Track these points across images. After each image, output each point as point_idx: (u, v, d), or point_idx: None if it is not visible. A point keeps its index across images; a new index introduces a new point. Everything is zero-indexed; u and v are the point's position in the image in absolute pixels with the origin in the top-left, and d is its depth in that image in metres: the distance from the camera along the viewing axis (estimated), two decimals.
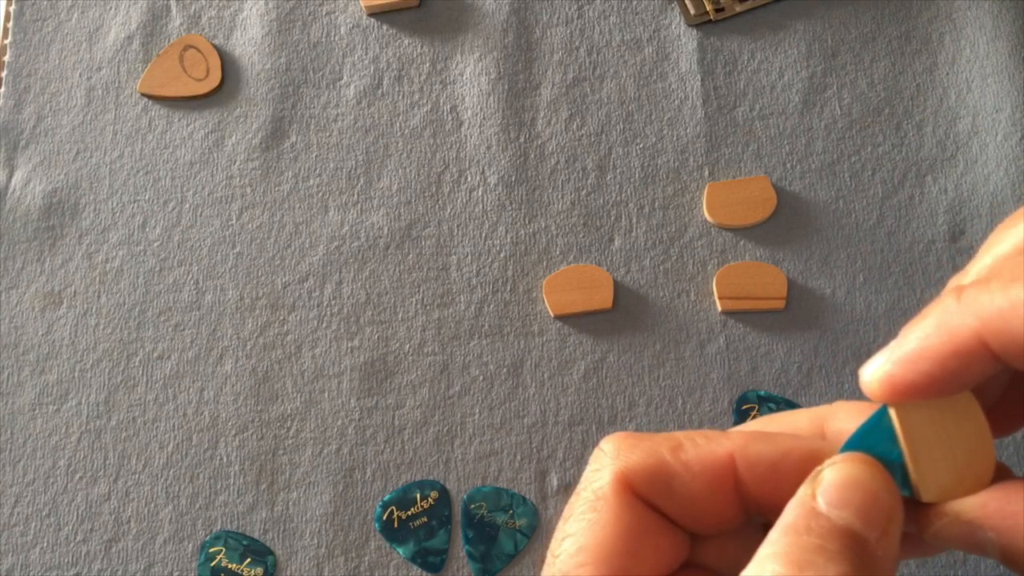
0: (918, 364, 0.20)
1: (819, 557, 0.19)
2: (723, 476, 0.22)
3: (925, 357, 0.20)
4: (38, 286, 0.46)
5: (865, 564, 0.19)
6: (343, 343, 0.45)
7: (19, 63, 0.50)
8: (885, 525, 0.20)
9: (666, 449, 0.22)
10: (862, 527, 0.20)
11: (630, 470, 0.22)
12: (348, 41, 0.50)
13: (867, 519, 0.20)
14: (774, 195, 0.46)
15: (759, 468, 0.22)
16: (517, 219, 0.47)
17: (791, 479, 0.21)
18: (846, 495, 0.20)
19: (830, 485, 0.20)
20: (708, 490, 0.22)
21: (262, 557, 0.42)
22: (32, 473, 0.44)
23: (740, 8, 0.49)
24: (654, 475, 0.22)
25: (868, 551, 0.20)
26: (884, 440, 0.21)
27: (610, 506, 0.22)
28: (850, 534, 0.20)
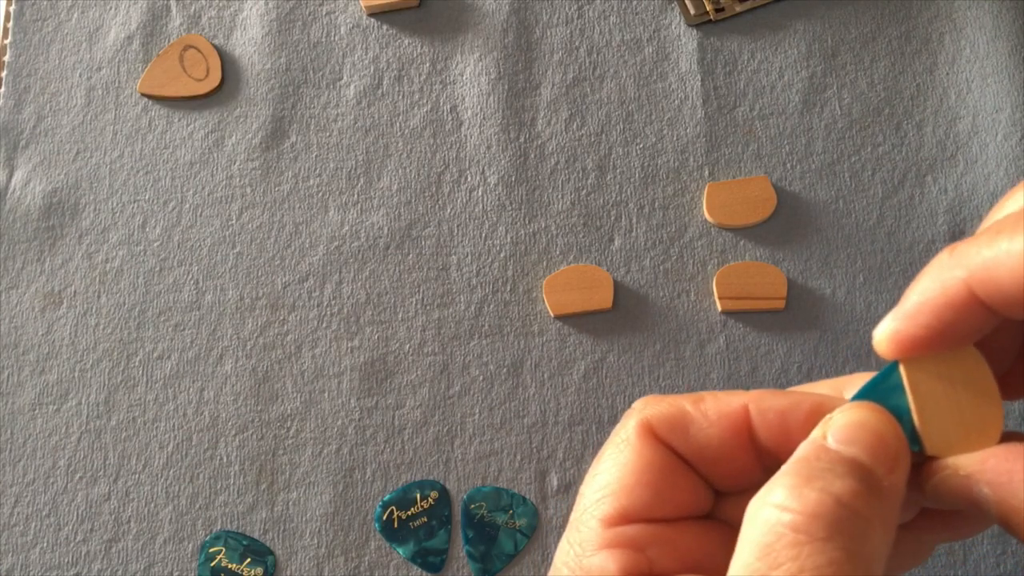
0: (918, 318, 0.21)
1: (827, 474, 0.20)
2: (738, 424, 0.23)
3: (923, 311, 0.21)
4: (38, 286, 0.46)
5: (872, 490, 0.20)
6: (343, 343, 0.45)
7: (19, 63, 0.50)
8: (893, 463, 0.21)
9: (688, 401, 0.24)
10: (870, 461, 0.20)
11: (653, 417, 0.24)
12: (348, 41, 0.50)
13: (875, 455, 0.21)
14: (774, 195, 0.46)
15: (770, 416, 0.23)
16: (517, 219, 0.47)
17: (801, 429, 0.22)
18: (855, 434, 0.21)
19: (839, 426, 0.21)
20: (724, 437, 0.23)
21: (262, 557, 0.42)
22: (32, 473, 0.44)
23: (740, 8, 0.49)
24: (675, 422, 0.24)
25: (875, 480, 0.20)
26: (893, 394, 0.22)
27: (633, 448, 0.24)
28: (858, 464, 0.20)
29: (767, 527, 0.19)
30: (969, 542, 0.42)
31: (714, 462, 0.24)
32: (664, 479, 0.23)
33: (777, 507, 0.20)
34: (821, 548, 0.19)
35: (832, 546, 0.19)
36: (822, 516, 0.19)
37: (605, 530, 0.23)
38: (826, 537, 0.19)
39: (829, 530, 0.19)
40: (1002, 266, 0.19)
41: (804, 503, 0.19)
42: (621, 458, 0.24)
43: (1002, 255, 0.19)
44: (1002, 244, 0.19)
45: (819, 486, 0.20)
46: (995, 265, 0.19)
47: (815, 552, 0.19)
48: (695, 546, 0.23)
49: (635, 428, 0.24)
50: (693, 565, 0.23)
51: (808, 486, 0.20)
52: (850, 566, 0.19)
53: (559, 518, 0.43)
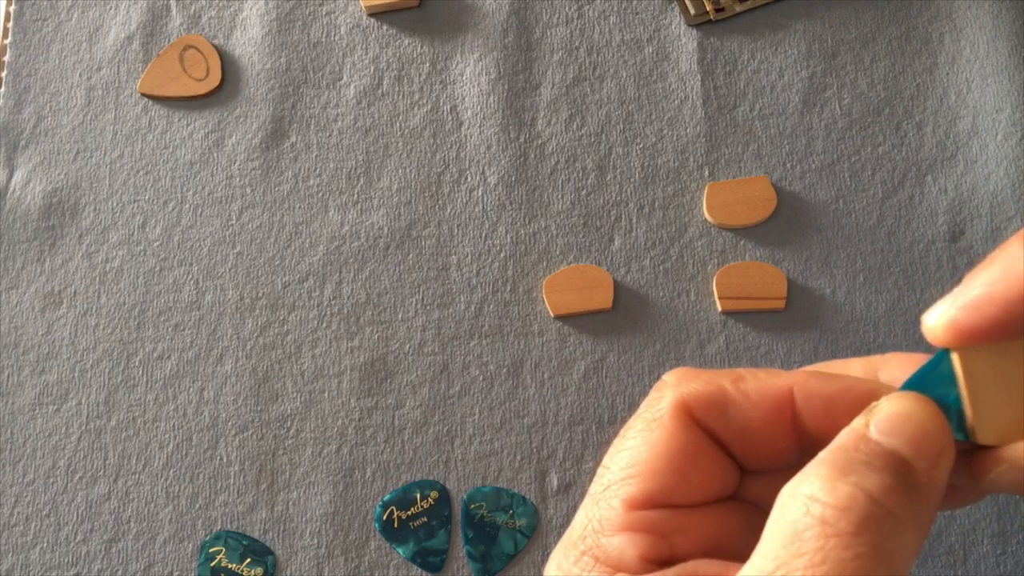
0: (983, 309, 0.20)
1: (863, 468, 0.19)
2: (781, 407, 0.22)
3: (990, 302, 0.20)
4: (38, 286, 0.46)
5: (909, 487, 0.20)
6: (343, 343, 0.45)
7: (19, 63, 0.50)
8: (935, 459, 0.20)
9: (727, 380, 0.23)
10: (911, 455, 0.20)
11: (690, 396, 0.23)
12: (348, 41, 0.50)
13: (917, 449, 0.20)
14: (774, 195, 0.46)
15: (816, 402, 0.22)
16: (517, 219, 0.47)
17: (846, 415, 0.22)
18: (898, 426, 0.20)
19: (883, 416, 0.21)
20: (765, 420, 0.23)
21: (262, 557, 0.42)
22: (32, 473, 0.44)
23: (740, 8, 0.49)
24: (714, 402, 0.23)
25: (914, 476, 0.20)
26: (941, 383, 0.21)
27: (667, 427, 0.23)
28: (898, 458, 0.20)
29: (796, 516, 0.19)
30: (969, 542, 0.42)
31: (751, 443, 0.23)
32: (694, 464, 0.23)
33: (808, 498, 0.19)
34: (848, 543, 0.18)
35: (859, 541, 0.18)
36: (852, 511, 0.19)
37: (628, 512, 0.22)
38: (854, 532, 0.18)
39: (858, 525, 0.19)
40: None
41: (836, 496, 0.19)
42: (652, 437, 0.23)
43: None
44: None
45: (853, 480, 0.19)
46: None
47: (840, 546, 0.18)
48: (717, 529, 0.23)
49: (670, 406, 0.23)
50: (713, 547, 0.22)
51: (842, 479, 0.19)
52: (875, 563, 0.18)
53: (559, 518, 0.43)
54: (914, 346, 0.44)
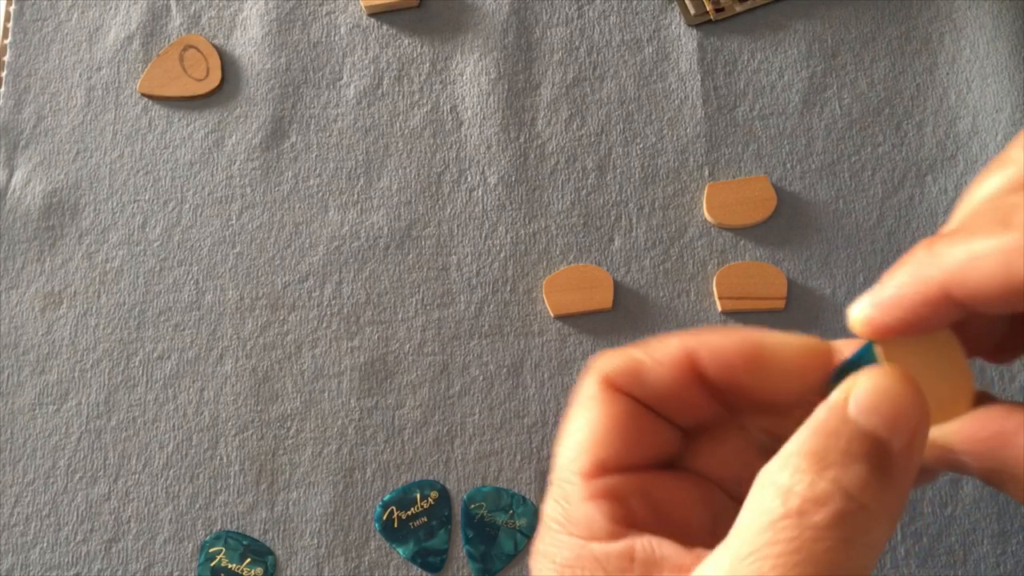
0: (893, 310, 0.22)
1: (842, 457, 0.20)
2: (686, 362, 0.24)
3: (898, 305, 0.22)
4: (38, 286, 0.46)
5: (884, 471, 0.21)
6: (343, 343, 0.45)
7: (19, 63, 0.50)
8: (910, 437, 0.21)
9: (639, 349, 0.25)
10: (888, 434, 0.21)
11: (610, 370, 0.25)
12: (348, 41, 0.50)
13: (894, 428, 0.21)
14: (774, 195, 0.46)
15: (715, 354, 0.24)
16: (517, 219, 0.47)
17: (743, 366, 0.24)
18: (877, 403, 0.21)
19: (863, 392, 0.22)
20: (675, 376, 0.25)
21: (262, 557, 0.42)
22: (32, 473, 0.44)
23: (740, 8, 0.49)
24: (630, 371, 0.25)
25: (889, 459, 0.21)
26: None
27: (599, 402, 0.25)
28: (875, 440, 0.21)
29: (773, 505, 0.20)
30: (969, 542, 0.42)
31: (672, 402, 0.25)
32: (632, 427, 0.25)
33: (787, 489, 0.20)
34: (821, 535, 0.19)
35: (833, 535, 0.19)
36: (828, 507, 0.20)
37: (587, 483, 0.24)
38: (828, 526, 0.19)
39: (832, 520, 0.20)
40: (976, 269, 0.20)
41: (813, 491, 0.20)
42: (589, 415, 0.25)
43: (977, 258, 0.20)
44: (976, 245, 0.20)
45: (831, 476, 0.20)
46: (971, 268, 0.20)
47: (814, 539, 0.19)
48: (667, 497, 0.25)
49: (596, 384, 0.25)
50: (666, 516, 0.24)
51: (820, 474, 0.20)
52: (846, 555, 0.19)
53: None
54: None
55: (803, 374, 0.24)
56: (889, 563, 0.42)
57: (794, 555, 0.19)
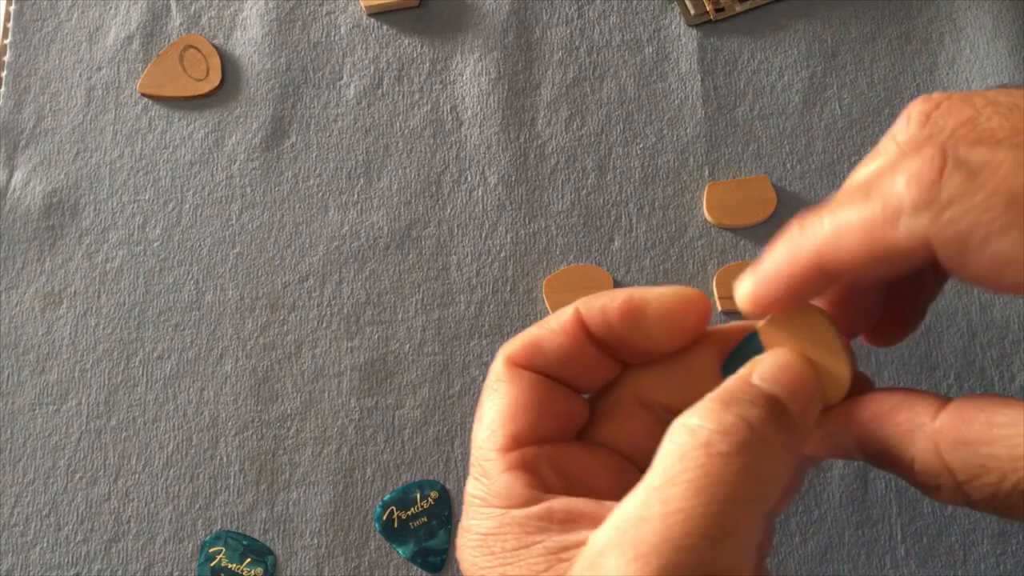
0: (772, 285, 0.24)
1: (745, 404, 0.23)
2: (576, 327, 0.27)
3: (776, 278, 0.24)
4: (38, 286, 0.46)
5: (783, 424, 0.23)
6: (343, 343, 0.45)
7: (19, 63, 0.50)
8: (807, 404, 0.24)
9: (534, 327, 0.27)
10: (787, 398, 0.24)
11: (512, 352, 0.27)
12: (348, 41, 0.50)
13: (792, 395, 0.24)
14: (774, 195, 0.46)
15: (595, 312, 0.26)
16: (517, 219, 0.47)
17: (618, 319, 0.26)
18: (778, 374, 0.24)
19: (766, 365, 0.25)
20: (568, 341, 0.27)
21: (262, 557, 0.42)
22: (32, 473, 0.44)
23: (740, 8, 0.49)
24: (529, 347, 0.27)
25: (788, 416, 0.24)
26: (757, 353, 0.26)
27: (506, 382, 0.27)
28: (775, 401, 0.24)
29: (684, 440, 0.22)
30: (969, 542, 0.42)
31: (572, 366, 0.27)
32: (540, 399, 0.27)
33: (696, 426, 0.23)
34: (727, 460, 0.22)
35: (737, 460, 0.22)
36: (732, 434, 0.22)
37: (502, 456, 0.26)
38: (733, 452, 0.22)
39: (737, 447, 0.22)
40: (843, 238, 0.22)
41: (720, 423, 0.22)
42: (499, 397, 0.27)
43: (842, 227, 0.22)
44: (841, 216, 0.22)
45: (736, 411, 0.23)
46: (837, 238, 0.22)
47: (721, 463, 0.22)
48: (578, 466, 0.26)
49: (502, 366, 0.27)
50: (577, 484, 0.26)
51: (726, 411, 0.23)
52: (748, 479, 0.22)
53: None
54: (913, 345, 0.44)
55: (678, 320, 0.26)
56: (889, 563, 0.42)
57: (702, 479, 0.21)
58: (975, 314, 0.44)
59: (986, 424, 0.21)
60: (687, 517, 0.21)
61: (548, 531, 0.24)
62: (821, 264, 0.23)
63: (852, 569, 0.42)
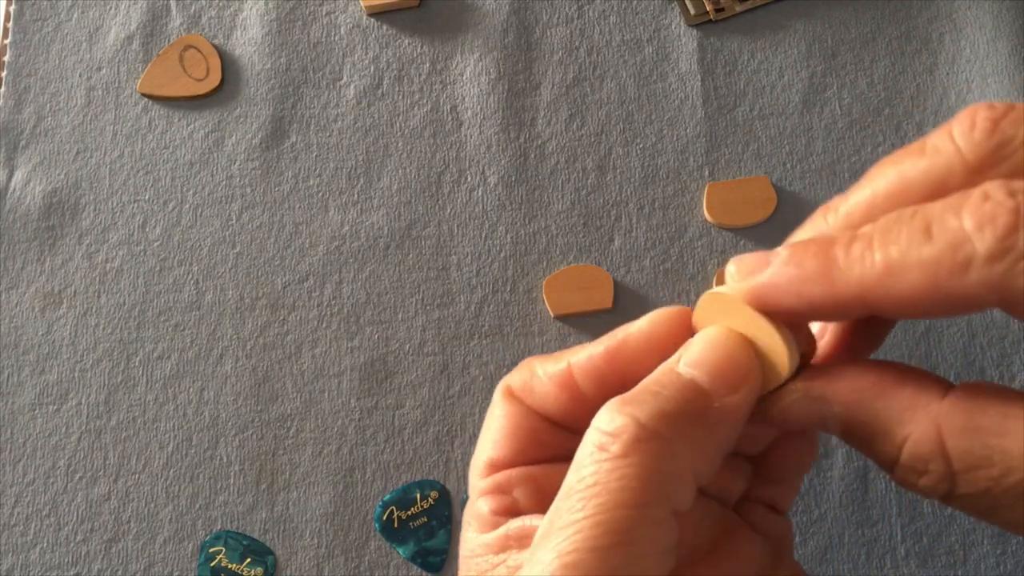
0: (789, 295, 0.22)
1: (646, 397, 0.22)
2: (565, 379, 0.26)
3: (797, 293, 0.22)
4: (38, 286, 0.46)
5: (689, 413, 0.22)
6: (343, 343, 0.45)
7: (19, 63, 0.50)
8: (736, 386, 0.23)
9: (539, 362, 0.27)
10: (709, 383, 0.23)
11: (511, 381, 0.28)
12: (348, 41, 0.50)
13: (716, 378, 0.23)
14: (774, 195, 0.46)
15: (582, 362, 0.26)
16: (517, 219, 0.47)
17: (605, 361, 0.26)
18: (703, 356, 0.23)
19: (692, 348, 0.24)
20: (556, 392, 0.26)
21: (262, 557, 0.42)
22: (32, 473, 0.44)
23: (740, 8, 0.49)
24: (524, 383, 0.27)
25: (705, 402, 0.22)
26: None
27: (501, 410, 0.28)
28: (692, 386, 0.23)
29: (584, 446, 0.22)
30: (969, 542, 0.42)
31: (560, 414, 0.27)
32: (526, 430, 0.27)
33: (594, 429, 0.22)
34: (617, 464, 0.21)
35: (626, 463, 0.21)
36: (622, 436, 0.21)
37: (479, 481, 0.27)
38: (621, 455, 0.21)
39: (626, 448, 0.21)
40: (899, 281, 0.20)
41: (612, 424, 0.21)
42: (491, 422, 0.28)
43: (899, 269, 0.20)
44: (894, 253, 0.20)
45: (628, 410, 0.22)
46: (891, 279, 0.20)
47: (612, 468, 0.21)
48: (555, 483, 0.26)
49: (499, 393, 0.28)
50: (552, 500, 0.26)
51: (620, 410, 0.22)
52: (641, 482, 0.21)
53: None
54: (913, 345, 0.44)
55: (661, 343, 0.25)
56: (889, 563, 0.42)
57: (593, 488, 0.21)
58: (975, 314, 0.44)
59: (1000, 414, 0.20)
60: (577, 531, 0.20)
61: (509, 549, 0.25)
62: (866, 302, 0.21)
63: (852, 569, 0.42)
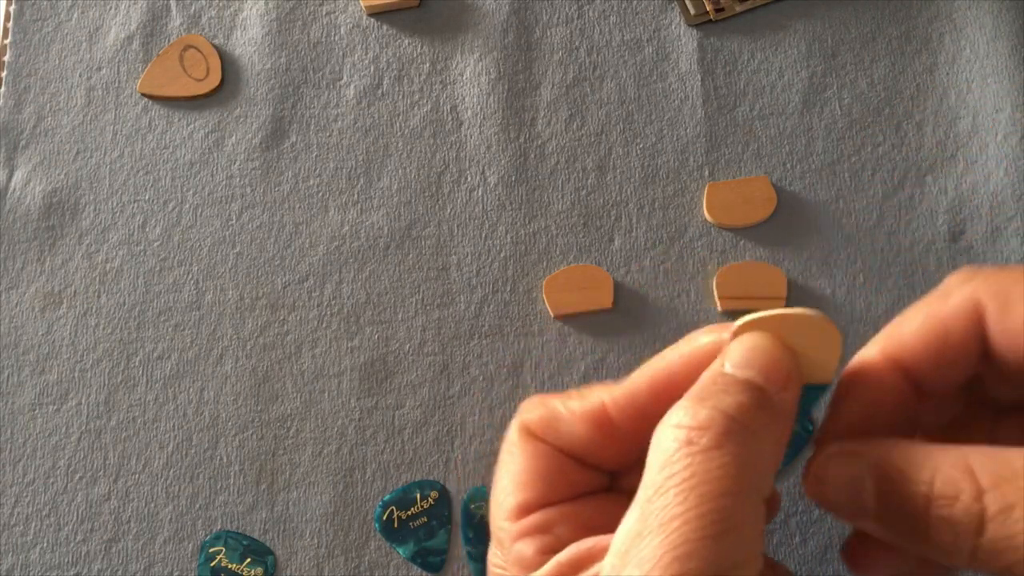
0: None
1: (719, 394, 0.22)
2: (599, 417, 0.26)
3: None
4: (38, 286, 0.46)
5: (763, 405, 0.23)
6: (343, 343, 0.45)
7: (19, 63, 0.50)
8: (784, 383, 0.23)
9: (559, 400, 0.27)
10: (764, 381, 0.23)
11: (529, 421, 0.27)
12: (348, 41, 0.50)
13: (768, 376, 0.23)
14: (774, 195, 0.46)
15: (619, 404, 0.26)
16: (517, 219, 0.47)
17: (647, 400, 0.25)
18: (750, 358, 0.23)
19: (735, 352, 0.24)
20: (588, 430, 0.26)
21: (262, 557, 0.42)
22: (32, 473, 0.44)
23: (740, 8, 0.49)
24: (546, 422, 0.27)
25: (767, 397, 0.23)
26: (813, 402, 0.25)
27: (520, 450, 0.27)
28: (751, 384, 0.23)
29: (666, 443, 0.22)
30: None
31: (590, 452, 0.26)
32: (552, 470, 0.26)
33: (674, 426, 0.22)
34: (712, 456, 0.21)
35: (721, 453, 0.21)
36: (712, 428, 0.21)
37: (513, 524, 0.26)
38: (715, 446, 0.21)
39: (719, 440, 0.21)
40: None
41: (696, 419, 0.22)
42: (512, 464, 0.27)
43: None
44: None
45: (711, 404, 0.22)
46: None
47: (706, 460, 0.21)
48: (596, 515, 0.26)
49: (516, 433, 0.27)
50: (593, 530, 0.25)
51: (701, 405, 0.22)
52: (738, 470, 0.21)
53: None
54: None
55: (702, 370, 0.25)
56: None
57: (691, 480, 0.21)
58: None
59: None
60: (683, 523, 0.20)
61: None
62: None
63: None
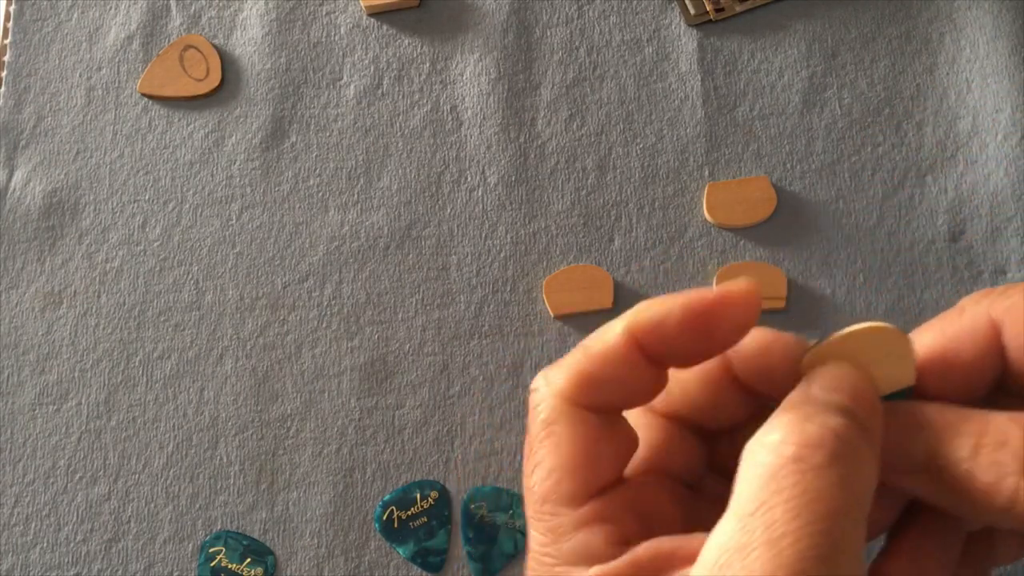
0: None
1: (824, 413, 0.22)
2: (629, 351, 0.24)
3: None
4: (38, 286, 0.46)
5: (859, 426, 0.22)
6: (343, 343, 0.45)
7: (19, 63, 0.50)
8: (871, 409, 0.23)
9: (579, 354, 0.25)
10: (854, 406, 0.22)
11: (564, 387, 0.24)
12: (348, 41, 0.50)
13: (858, 401, 0.23)
14: (774, 195, 0.46)
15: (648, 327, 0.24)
16: (517, 219, 0.47)
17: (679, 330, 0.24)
18: (838, 383, 0.23)
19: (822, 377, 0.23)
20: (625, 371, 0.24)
21: (262, 557, 0.42)
22: (32, 473, 0.44)
23: (740, 8, 0.49)
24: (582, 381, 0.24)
25: (859, 419, 0.22)
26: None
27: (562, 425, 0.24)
28: (843, 407, 0.22)
29: (769, 460, 0.21)
30: None
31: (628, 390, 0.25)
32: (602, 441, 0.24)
33: (779, 442, 0.21)
34: (822, 474, 0.20)
35: (832, 472, 0.20)
36: (822, 446, 0.21)
37: (574, 511, 0.24)
38: (826, 464, 0.20)
39: (829, 458, 0.21)
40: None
41: (805, 436, 0.21)
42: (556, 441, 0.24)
43: None
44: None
45: (818, 421, 0.21)
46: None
47: (817, 478, 0.20)
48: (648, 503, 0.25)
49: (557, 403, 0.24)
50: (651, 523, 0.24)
51: (808, 422, 0.21)
52: (845, 491, 0.20)
53: None
54: None
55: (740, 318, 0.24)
56: None
57: (802, 496, 0.20)
58: None
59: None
60: (795, 540, 0.19)
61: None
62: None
63: None
